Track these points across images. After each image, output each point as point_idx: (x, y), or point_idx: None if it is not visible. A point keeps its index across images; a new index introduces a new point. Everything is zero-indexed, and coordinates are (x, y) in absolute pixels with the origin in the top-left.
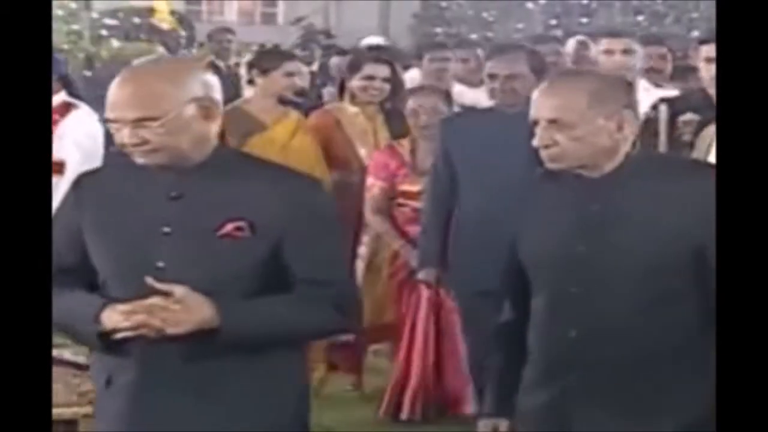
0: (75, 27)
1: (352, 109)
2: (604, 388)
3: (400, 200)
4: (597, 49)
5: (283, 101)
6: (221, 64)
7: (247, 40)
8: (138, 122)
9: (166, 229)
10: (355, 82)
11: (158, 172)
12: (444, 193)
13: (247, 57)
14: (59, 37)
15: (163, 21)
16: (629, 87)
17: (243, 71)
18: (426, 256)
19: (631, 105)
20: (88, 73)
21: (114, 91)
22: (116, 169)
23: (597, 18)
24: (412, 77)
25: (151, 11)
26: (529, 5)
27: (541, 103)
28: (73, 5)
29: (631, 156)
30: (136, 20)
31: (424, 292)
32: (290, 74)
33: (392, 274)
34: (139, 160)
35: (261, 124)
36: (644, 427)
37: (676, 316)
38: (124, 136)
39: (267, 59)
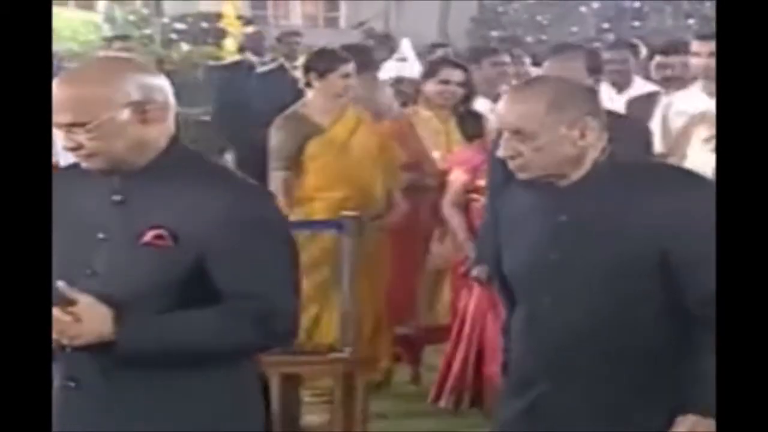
0: (147, 31)
1: (426, 113)
2: (576, 394)
3: (475, 195)
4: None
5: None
6: (289, 65)
7: (311, 43)
8: (70, 127)
9: (101, 235)
10: (430, 87)
11: (104, 177)
12: (498, 189)
13: (302, 60)
14: (132, 42)
15: (231, 25)
16: (592, 93)
17: (299, 74)
18: (481, 253)
19: (594, 112)
20: None
21: (54, 94)
22: (71, 172)
23: (649, 21)
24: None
25: (218, 16)
26: (583, 9)
27: (502, 113)
28: (145, 11)
29: (598, 163)
30: (205, 24)
31: (476, 289)
32: (347, 76)
33: (454, 270)
34: (82, 164)
35: (319, 127)
36: (617, 428)
37: (642, 320)
38: (62, 140)
39: (323, 62)
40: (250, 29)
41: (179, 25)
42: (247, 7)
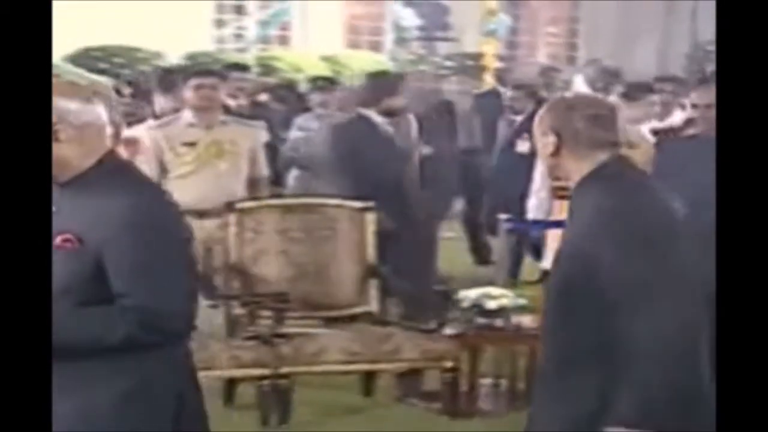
0: (423, 68)
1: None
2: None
3: None
4: None
5: None
6: (503, 90)
7: (565, 78)
8: None
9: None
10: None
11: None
12: None
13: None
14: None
15: (489, 62)
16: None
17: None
18: None
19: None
20: None
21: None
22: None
23: None
24: None
25: (480, 55)
26: None
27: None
28: (423, 51)
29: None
30: (469, 62)
31: None
32: None
33: None
34: None
35: None
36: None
37: (576, 330)
38: None
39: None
40: (502, 65)
41: (449, 62)
42: (502, 47)
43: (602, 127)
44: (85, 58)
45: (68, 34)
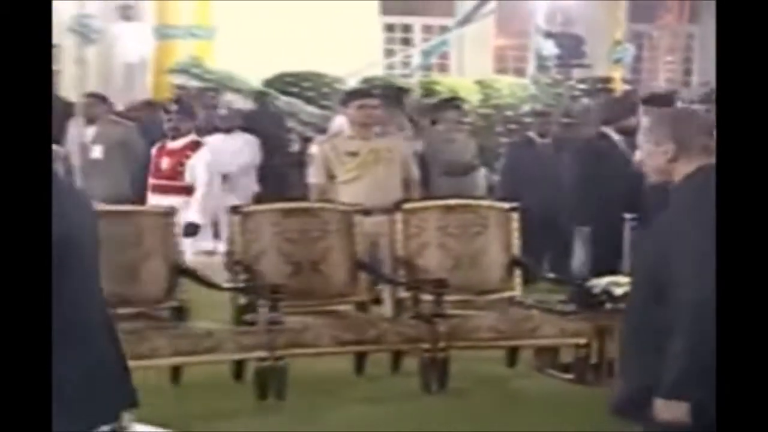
0: (559, 90)
1: None
2: None
3: None
4: None
5: None
6: None
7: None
8: None
9: None
10: None
11: None
12: None
13: None
14: (546, 98)
15: (616, 85)
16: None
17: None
18: None
19: None
20: None
21: None
22: None
23: None
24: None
25: (608, 79)
26: None
27: None
28: (559, 76)
29: None
30: (599, 85)
31: None
32: None
33: None
34: None
35: None
36: None
37: (650, 311)
38: None
39: None
40: (628, 87)
41: (582, 85)
42: (627, 72)
43: (707, 135)
44: (279, 82)
45: (267, 60)
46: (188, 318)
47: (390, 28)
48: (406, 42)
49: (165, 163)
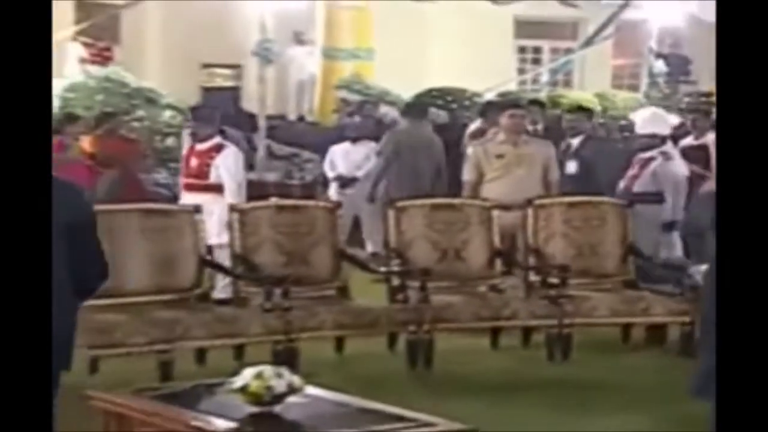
0: (667, 103)
1: None
2: None
3: None
4: None
5: None
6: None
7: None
8: None
9: None
10: None
11: None
12: None
13: None
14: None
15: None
16: None
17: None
18: None
19: None
20: None
21: None
22: None
23: None
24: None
25: (710, 94)
26: None
27: None
28: (668, 91)
29: None
30: (703, 98)
31: None
32: None
33: None
34: None
35: None
36: None
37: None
38: None
39: None
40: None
41: (687, 99)
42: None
43: None
44: (427, 96)
45: (417, 77)
46: (349, 297)
47: (522, 49)
48: (536, 62)
49: (193, 162)
